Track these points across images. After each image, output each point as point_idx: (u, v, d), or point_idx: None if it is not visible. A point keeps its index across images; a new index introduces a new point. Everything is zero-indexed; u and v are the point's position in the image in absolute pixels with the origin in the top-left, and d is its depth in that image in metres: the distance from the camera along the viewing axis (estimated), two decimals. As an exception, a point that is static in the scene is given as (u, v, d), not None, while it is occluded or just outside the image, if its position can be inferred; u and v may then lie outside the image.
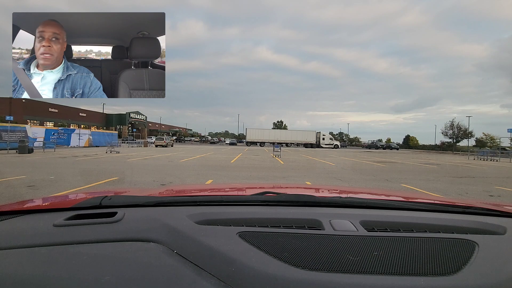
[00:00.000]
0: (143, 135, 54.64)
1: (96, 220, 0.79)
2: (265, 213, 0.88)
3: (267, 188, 1.46)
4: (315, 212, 0.90)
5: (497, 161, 22.60)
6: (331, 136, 55.41)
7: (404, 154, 32.26)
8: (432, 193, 6.46)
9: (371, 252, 0.63)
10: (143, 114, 71.41)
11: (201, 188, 1.83)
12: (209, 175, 8.71)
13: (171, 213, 0.86)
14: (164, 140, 33.79)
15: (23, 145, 16.43)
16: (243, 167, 11.78)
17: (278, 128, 76.02)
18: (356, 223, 0.79)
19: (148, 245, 0.66)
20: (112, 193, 1.19)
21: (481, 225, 0.83)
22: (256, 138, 52.17)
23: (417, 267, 0.59)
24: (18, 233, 0.75)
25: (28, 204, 1.07)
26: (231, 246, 0.64)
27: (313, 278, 0.54)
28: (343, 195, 1.31)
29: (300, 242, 0.67)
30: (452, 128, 56.13)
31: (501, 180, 9.86)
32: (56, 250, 0.65)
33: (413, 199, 1.28)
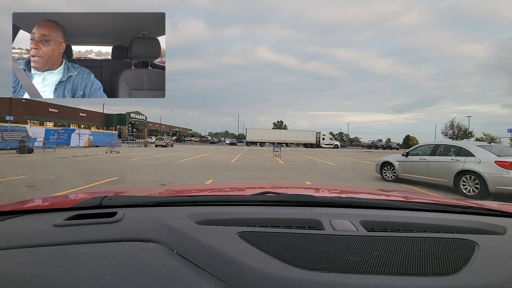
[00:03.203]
0: (143, 135, 54.63)
1: (96, 220, 0.79)
2: (265, 213, 0.88)
3: (267, 188, 1.46)
4: (315, 212, 0.90)
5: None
6: (331, 136, 55.35)
7: (404, 154, 32.10)
8: (432, 193, 6.45)
9: (371, 252, 0.63)
10: (143, 114, 71.40)
11: (201, 188, 1.83)
12: (209, 175, 8.71)
13: (171, 213, 0.86)
14: (164, 140, 33.76)
15: (23, 145, 16.42)
16: (243, 167, 11.77)
17: (278, 128, 75.99)
18: (356, 223, 0.79)
19: (148, 245, 0.66)
20: (112, 193, 1.19)
21: (481, 225, 0.83)
22: (256, 138, 52.15)
23: (417, 267, 0.59)
24: (18, 233, 0.75)
25: (28, 204, 1.07)
26: (231, 246, 0.64)
27: (313, 278, 0.54)
28: (343, 195, 1.31)
29: (300, 242, 0.67)
30: (452, 128, 56.09)
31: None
32: (56, 250, 0.65)
33: (413, 199, 1.28)
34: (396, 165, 8.09)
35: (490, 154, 6.06)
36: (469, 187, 6.16)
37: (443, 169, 6.74)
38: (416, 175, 7.49)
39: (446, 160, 6.73)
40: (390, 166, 8.30)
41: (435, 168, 6.96)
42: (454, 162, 6.51)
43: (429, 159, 7.13)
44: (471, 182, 6.13)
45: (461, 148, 6.67)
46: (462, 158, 6.38)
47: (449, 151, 6.94)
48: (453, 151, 6.82)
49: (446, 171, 6.63)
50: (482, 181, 5.86)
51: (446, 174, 6.62)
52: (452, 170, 6.47)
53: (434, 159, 7.05)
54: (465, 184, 6.25)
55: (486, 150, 6.24)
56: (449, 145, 7.22)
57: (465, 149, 6.51)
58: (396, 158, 8.32)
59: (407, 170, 7.78)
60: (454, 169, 6.43)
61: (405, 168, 7.86)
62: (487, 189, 5.76)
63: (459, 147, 6.75)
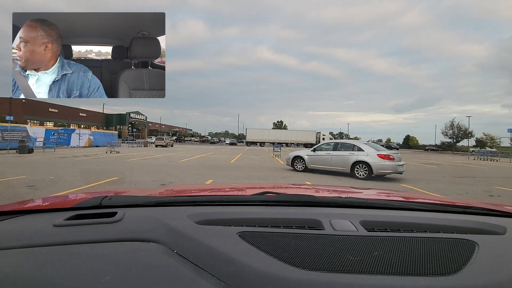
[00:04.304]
0: (143, 135, 54.62)
1: (96, 220, 0.79)
2: (265, 213, 0.88)
3: (267, 188, 1.46)
4: (315, 212, 0.90)
5: (497, 161, 22.59)
6: (331, 136, 55.34)
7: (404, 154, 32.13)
8: (432, 193, 6.46)
9: (371, 252, 0.63)
10: (143, 114, 71.38)
11: (201, 188, 1.82)
12: (209, 175, 8.71)
13: (171, 213, 0.86)
14: (164, 140, 33.77)
15: (23, 145, 16.41)
16: (243, 167, 11.77)
17: (278, 128, 75.98)
18: (356, 223, 0.79)
19: (148, 245, 0.66)
20: (112, 193, 1.19)
21: (481, 225, 0.83)
22: (256, 138, 52.16)
23: (417, 267, 0.59)
24: (18, 233, 0.75)
25: (28, 204, 1.07)
26: (231, 246, 0.64)
27: (313, 278, 0.54)
28: (343, 195, 1.31)
29: (300, 242, 0.67)
30: (452, 128, 56.13)
31: (501, 180, 9.85)
32: (56, 250, 0.65)
33: (413, 199, 1.28)
34: (306, 158, 10.18)
35: (373, 150, 8.85)
36: (361, 172, 8.74)
37: (343, 160, 9.23)
38: (322, 166, 9.81)
39: (345, 154, 9.25)
40: (301, 159, 10.34)
41: (337, 160, 9.43)
42: (350, 155, 9.06)
43: (333, 153, 9.61)
44: (361, 169, 8.77)
45: (354, 145, 9.29)
46: (356, 153, 8.98)
47: (346, 148, 9.45)
48: (349, 147, 9.36)
49: (345, 162, 9.15)
50: (369, 168, 8.56)
51: (345, 164, 9.15)
52: (349, 161, 9.02)
53: (336, 153, 9.53)
54: (358, 170, 8.81)
55: (370, 146, 9.13)
56: (345, 143, 9.82)
57: (357, 146, 9.14)
58: (305, 153, 10.41)
59: (315, 162, 10.02)
60: (351, 160, 8.98)
61: (313, 160, 10.07)
62: (372, 172, 8.49)
63: (353, 145, 9.36)
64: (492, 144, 51.45)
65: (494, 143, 51.02)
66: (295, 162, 10.45)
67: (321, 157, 9.85)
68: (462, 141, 56.75)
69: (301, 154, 10.43)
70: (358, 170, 8.80)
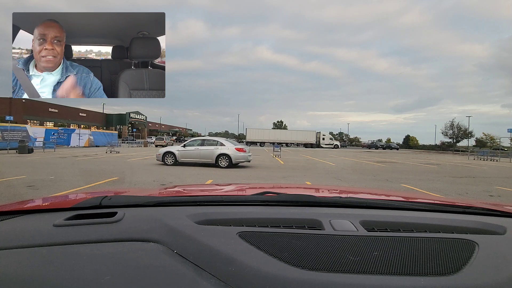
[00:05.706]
0: (143, 135, 54.66)
1: (96, 220, 0.79)
2: (265, 213, 0.88)
3: (267, 188, 1.46)
4: (315, 212, 0.90)
5: (497, 161, 22.60)
6: (331, 136, 55.28)
7: (404, 154, 32.24)
8: (432, 193, 6.46)
9: (371, 252, 0.63)
10: (143, 114, 71.39)
11: (201, 188, 1.82)
12: (209, 175, 8.71)
13: (171, 213, 0.86)
14: (164, 140, 33.86)
15: (23, 145, 16.42)
16: (243, 167, 11.78)
17: (278, 128, 75.91)
18: (356, 223, 0.79)
19: (148, 245, 0.66)
20: (112, 193, 1.19)
21: (481, 225, 0.83)
22: (256, 138, 52.10)
23: (417, 267, 0.59)
24: (18, 233, 0.75)
25: (28, 204, 1.07)
26: (231, 246, 0.64)
27: (313, 278, 0.54)
28: (343, 195, 1.31)
29: (300, 242, 0.67)
30: (452, 128, 56.12)
31: (501, 180, 9.86)
32: (56, 250, 0.65)
33: (413, 199, 1.28)
34: (177, 153, 11.61)
35: (232, 144, 11.57)
36: (223, 162, 11.06)
37: (209, 154, 11.31)
38: (192, 159, 11.51)
39: (210, 148, 11.37)
40: (171, 154, 11.69)
41: (205, 153, 11.40)
42: (215, 149, 11.28)
43: (201, 148, 11.53)
44: (224, 160, 11.09)
45: (217, 141, 11.67)
46: (219, 147, 11.31)
47: (211, 143, 11.63)
48: (214, 143, 11.60)
49: (212, 154, 11.27)
50: (230, 159, 11.04)
51: (212, 156, 11.26)
52: (214, 154, 11.23)
53: (203, 148, 11.51)
54: (221, 161, 11.10)
55: (230, 142, 12.01)
56: (210, 139, 12.10)
57: (220, 142, 11.58)
58: (176, 148, 11.91)
59: (185, 156, 11.59)
60: (215, 153, 11.21)
61: (184, 155, 11.61)
62: (232, 163, 11.01)
63: (216, 141, 11.74)
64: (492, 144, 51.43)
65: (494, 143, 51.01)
66: (166, 157, 11.71)
67: (191, 151, 11.53)
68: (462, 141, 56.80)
69: (171, 150, 11.84)
70: (221, 161, 11.05)
